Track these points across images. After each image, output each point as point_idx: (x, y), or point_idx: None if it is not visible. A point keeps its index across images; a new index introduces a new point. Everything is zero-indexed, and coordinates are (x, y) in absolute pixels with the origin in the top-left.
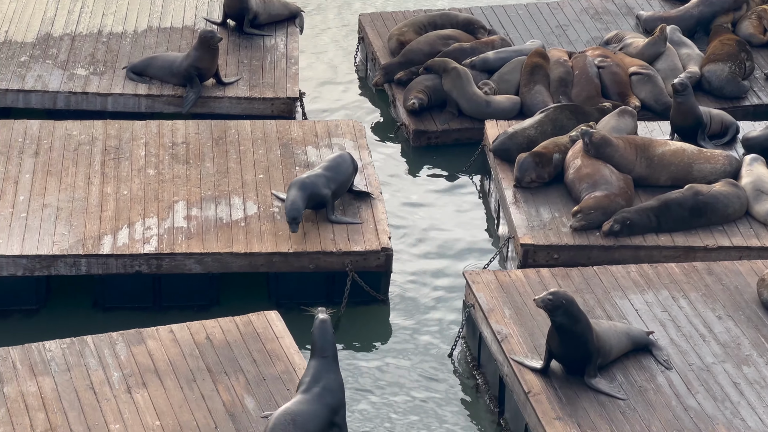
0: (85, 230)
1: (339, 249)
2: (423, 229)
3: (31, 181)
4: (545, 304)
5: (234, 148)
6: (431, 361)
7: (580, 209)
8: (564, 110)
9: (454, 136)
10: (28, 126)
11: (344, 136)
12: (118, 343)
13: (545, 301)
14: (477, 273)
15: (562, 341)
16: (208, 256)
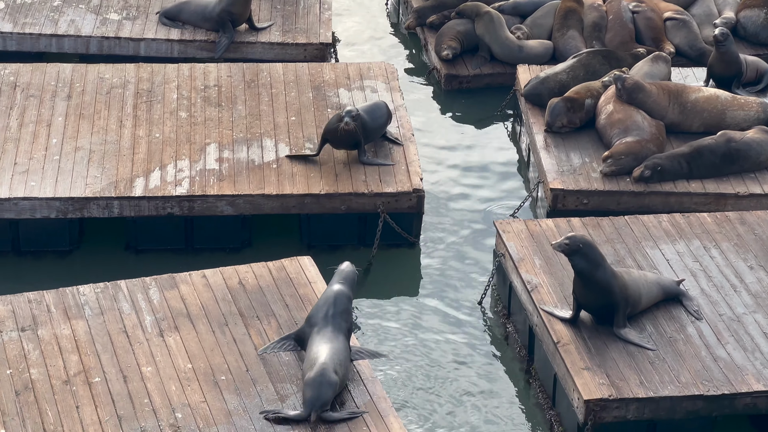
0: (118, 173)
1: (371, 190)
2: (453, 172)
3: (63, 124)
4: (562, 249)
5: (266, 91)
6: (461, 308)
7: (611, 154)
8: (597, 55)
9: (485, 80)
10: (61, 69)
11: (376, 79)
12: (151, 287)
13: (562, 245)
14: (507, 222)
15: (585, 287)
16: (240, 198)
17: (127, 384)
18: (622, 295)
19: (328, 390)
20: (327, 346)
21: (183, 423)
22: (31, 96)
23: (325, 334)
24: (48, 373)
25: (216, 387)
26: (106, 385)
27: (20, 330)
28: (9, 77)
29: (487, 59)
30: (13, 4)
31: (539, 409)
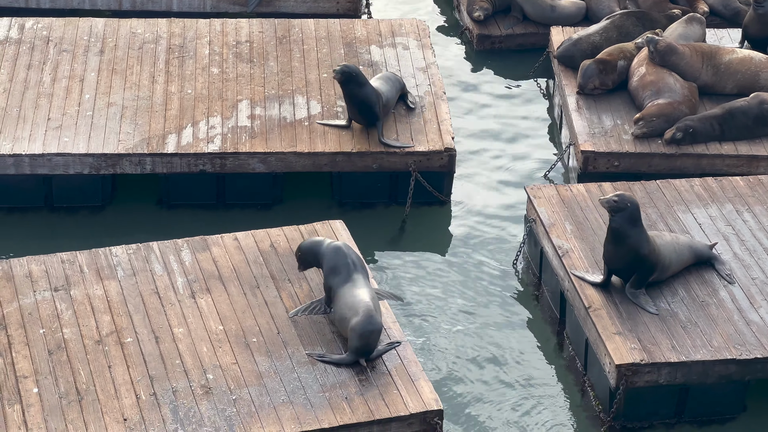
0: (150, 129)
1: (402, 149)
2: (485, 132)
3: (96, 79)
4: (610, 205)
5: (297, 47)
6: (492, 270)
7: (642, 116)
8: (630, 17)
9: (518, 41)
10: (93, 24)
11: (408, 36)
12: (183, 249)
13: (610, 201)
14: (538, 188)
15: (617, 248)
16: (272, 156)
17: (159, 345)
18: (652, 259)
19: (376, 337)
20: (365, 291)
21: (214, 384)
22: (63, 51)
23: (358, 281)
24: (80, 333)
25: (247, 349)
26: (138, 345)
27: (53, 290)
28: (42, 31)
29: (519, 19)
30: None
31: (571, 373)
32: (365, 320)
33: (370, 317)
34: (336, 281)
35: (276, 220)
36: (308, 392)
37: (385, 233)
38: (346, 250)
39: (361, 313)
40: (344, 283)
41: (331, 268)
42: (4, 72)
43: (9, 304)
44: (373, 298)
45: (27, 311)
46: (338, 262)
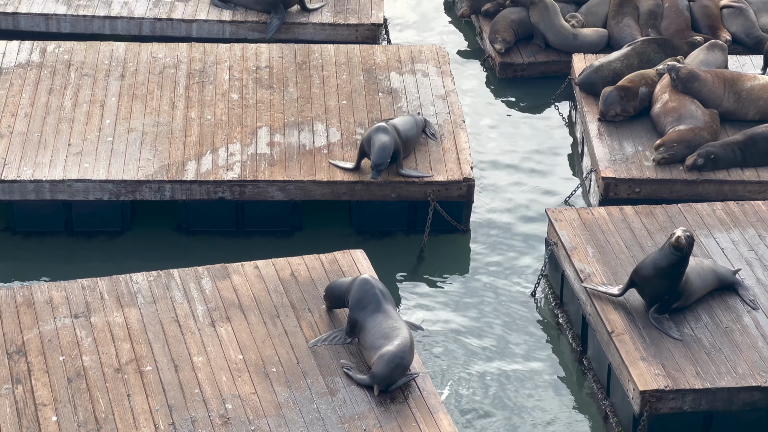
0: (170, 155)
1: (421, 179)
2: (506, 159)
3: (117, 104)
4: (684, 242)
5: (317, 73)
6: (512, 296)
7: (663, 142)
8: (651, 43)
9: (540, 68)
10: (114, 48)
11: (428, 62)
12: (204, 277)
13: (687, 239)
14: (560, 211)
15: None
16: (291, 184)
17: (178, 373)
18: (682, 289)
19: (401, 371)
20: (402, 323)
21: (233, 414)
22: (85, 75)
23: (392, 313)
24: (100, 360)
25: (266, 379)
26: (158, 374)
27: (73, 317)
28: (63, 55)
29: (542, 47)
30: None
31: (593, 399)
32: (398, 351)
33: (404, 350)
34: (363, 314)
35: (295, 248)
36: (327, 424)
37: (404, 262)
38: (373, 282)
39: (396, 344)
40: (374, 313)
41: (357, 300)
42: (25, 96)
43: (29, 331)
44: (410, 333)
45: (47, 338)
46: (366, 293)
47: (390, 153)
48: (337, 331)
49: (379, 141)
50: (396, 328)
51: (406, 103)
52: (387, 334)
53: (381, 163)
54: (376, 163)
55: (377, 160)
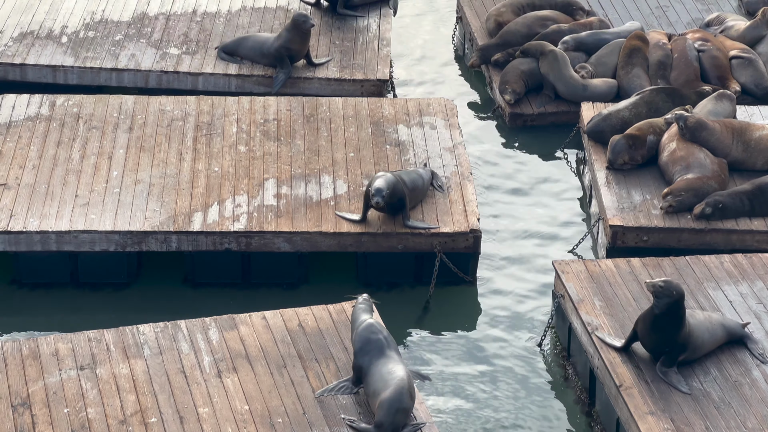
0: (176, 207)
1: (427, 230)
2: (515, 209)
3: (124, 156)
4: (655, 290)
5: (325, 126)
6: (519, 348)
7: (671, 191)
8: (660, 93)
9: (550, 118)
10: (123, 101)
11: (436, 115)
12: (211, 328)
13: (657, 286)
14: (566, 263)
15: (653, 330)
16: (297, 235)
17: (183, 425)
18: (685, 340)
19: (403, 416)
20: (401, 367)
21: None
22: (93, 128)
23: (392, 357)
24: (105, 412)
25: (272, 429)
26: (162, 425)
27: (79, 368)
28: (72, 108)
29: (551, 98)
30: (75, 39)
31: None
32: (396, 396)
33: (401, 394)
34: (367, 359)
35: (301, 299)
36: None
37: (410, 313)
38: (378, 327)
39: (393, 388)
40: (377, 358)
41: (361, 347)
42: (34, 149)
43: (34, 383)
44: (409, 376)
45: (52, 390)
46: (370, 339)
47: (391, 184)
48: (344, 381)
49: (378, 175)
50: (392, 372)
51: (413, 155)
52: (385, 380)
53: (381, 188)
54: (377, 188)
55: (377, 185)
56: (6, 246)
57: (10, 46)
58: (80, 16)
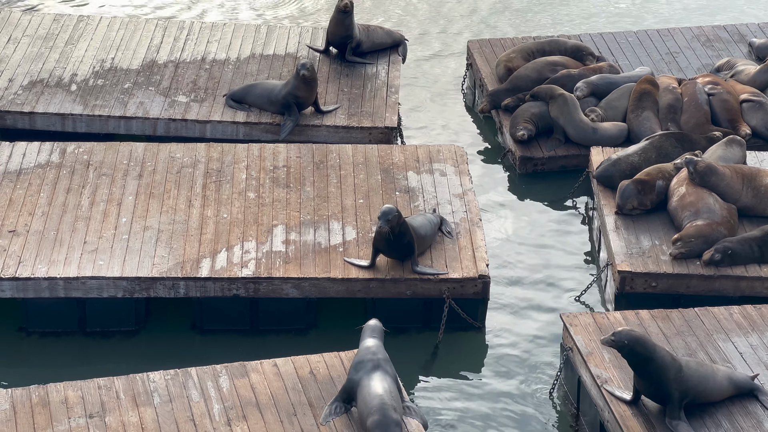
0: (185, 253)
1: (436, 276)
2: (523, 254)
3: (133, 203)
4: (609, 344)
5: (335, 172)
6: (528, 398)
7: (681, 237)
8: (669, 138)
9: (560, 162)
10: (133, 148)
11: (446, 162)
12: (222, 375)
13: (608, 341)
14: (574, 315)
15: (639, 377)
16: (306, 281)
17: None
18: (678, 386)
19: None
20: (381, 385)
21: None
22: (103, 174)
23: (375, 377)
24: None
25: None
26: None
27: (88, 416)
28: (83, 156)
29: (561, 141)
30: (85, 87)
31: None
32: (381, 417)
33: (383, 413)
34: (358, 375)
35: (310, 345)
36: None
37: (419, 359)
38: (375, 348)
39: (375, 410)
40: (365, 376)
41: (355, 364)
42: (43, 195)
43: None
44: (389, 391)
45: None
46: (364, 357)
47: (396, 211)
48: (334, 402)
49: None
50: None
51: (423, 201)
52: (366, 400)
53: (387, 211)
54: (383, 211)
55: (383, 209)
56: (14, 292)
57: (19, 94)
58: (90, 65)
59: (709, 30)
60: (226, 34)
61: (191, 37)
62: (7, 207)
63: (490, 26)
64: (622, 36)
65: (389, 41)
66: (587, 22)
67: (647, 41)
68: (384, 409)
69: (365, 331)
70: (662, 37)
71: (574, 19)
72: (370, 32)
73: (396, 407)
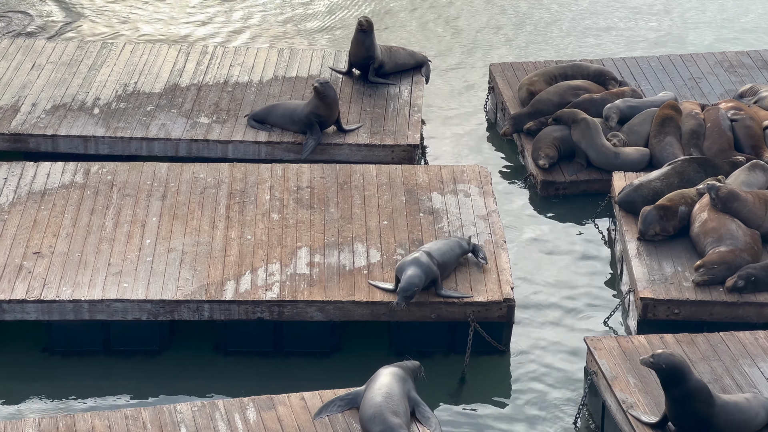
0: (209, 275)
1: (461, 299)
2: (546, 279)
3: (157, 224)
4: (648, 365)
5: (359, 193)
6: (553, 422)
7: (703, 263)
8: (692, 163)
9: (582, 186)
10: (157, 168)
11: (470, 183)
12: (249, 407)
13: (647, 361)
14: (598, 339)
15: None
16: (330, 304)
17: None
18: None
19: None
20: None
21: None
22: (127, 195)
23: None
24: None
25: None
26: None
27: None
28: (106, 176)
29: (583, 166)
30: (107, 110)
31: None
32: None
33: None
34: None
35: (334, 369)
36: None
37: (444, 384)
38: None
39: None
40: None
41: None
42: (67, 217)
43: None
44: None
45: None
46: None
47: (418, 285)
48: (339, 398)
49: (408, 272)
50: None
51: (447, 223)
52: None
53: (407, 290)
54: (402, 288)
55: (404, 286)
56: (39, 315)
57: (42, 118)
58: (113, 89)
59: (732, 56)
60: (249, 58)
61: (214, 61)
62: (32, 228)
63: (512, 50)
64: (645, 61)
65: (412, 62)
66: (611, 47)
67: (670, 66)
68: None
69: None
70: (685, 63)
71: (599, 44)
72: (393, 53)
73: (397, 411)
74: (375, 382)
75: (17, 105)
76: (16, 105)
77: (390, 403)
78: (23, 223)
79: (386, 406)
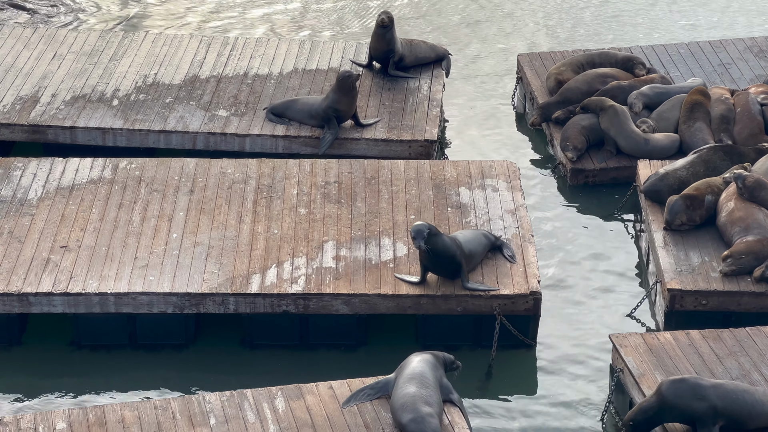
0: (235, 269)
1: (487, 292)
2: (572, 270)
3: (184, 219)
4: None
5: (386, 188)
6: (580, 418)
7: (731, 254)
8: (718, 151)
9: (611, 174)
10: (185, 164)
11: (498, 177)
12: (277, 397)
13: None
14: (624, 336)
15: None
16: (356, 298)
17: None
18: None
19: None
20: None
21: None
22: (155, 190)
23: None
24: None
25: None
26: None
27: None
28: (134, 171)
29: (613, 153)
30: (126, 102)
31: None
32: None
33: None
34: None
35: (360, 362)
36: None
37: (471, 377)
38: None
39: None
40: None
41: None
42: (95, 211)
43: None
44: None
45: None
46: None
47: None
48: (369, 387)
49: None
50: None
51: (474, 217)
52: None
53: (418, 230)
54: (414, 232)
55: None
56: (65, 308)
57: (61, 109)
58: (132, 80)
59: (762, 41)
60: (270, 50)
61: (234, 52)
62: (60, 222)
63: (539, 39)
64: (674, 48)
65: (432, 55)
66: (638, 34)
67: (699, 53)
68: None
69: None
70: (714, 49)
71: (626, 32)
72: (413, 46)
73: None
74: (406, 369)
75: (37, 96)
76: (36, 96)
77: (422, 392)
78: (51, 217)
79: (419, 395)
